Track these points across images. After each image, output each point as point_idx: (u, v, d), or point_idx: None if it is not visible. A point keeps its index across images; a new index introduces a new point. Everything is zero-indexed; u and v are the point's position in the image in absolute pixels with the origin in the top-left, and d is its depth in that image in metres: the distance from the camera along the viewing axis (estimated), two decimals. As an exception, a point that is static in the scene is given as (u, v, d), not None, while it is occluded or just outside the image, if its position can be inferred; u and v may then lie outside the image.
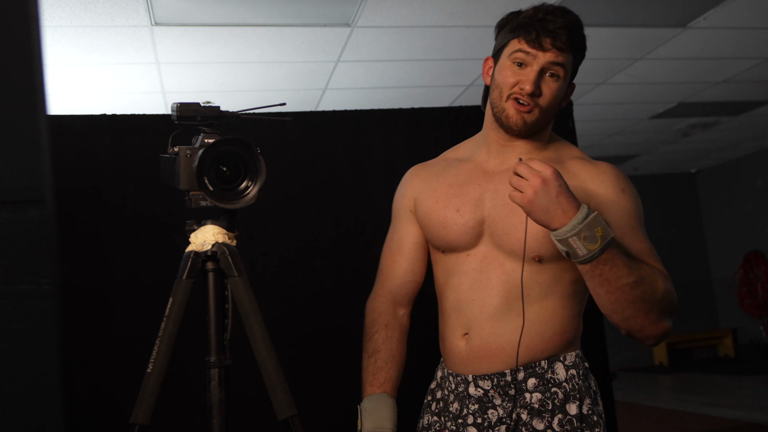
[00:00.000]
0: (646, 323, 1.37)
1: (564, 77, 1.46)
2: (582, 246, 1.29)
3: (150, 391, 1.39)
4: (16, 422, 0.65)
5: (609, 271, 1.31)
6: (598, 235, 1.29)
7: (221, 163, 1.43)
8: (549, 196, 1.29)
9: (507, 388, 1.46)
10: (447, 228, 1.53)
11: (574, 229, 1.29)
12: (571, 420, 1.43)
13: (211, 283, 1.46)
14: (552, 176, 1.30)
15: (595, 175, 1.49)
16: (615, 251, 1.32)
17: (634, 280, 1.33)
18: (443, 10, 3.75)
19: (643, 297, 1.35)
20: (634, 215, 1.47)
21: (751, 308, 8.86)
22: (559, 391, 1.45)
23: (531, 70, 1.44)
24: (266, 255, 2.47)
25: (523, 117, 1.46)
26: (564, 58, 1.44)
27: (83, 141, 2.38)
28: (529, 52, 1.44)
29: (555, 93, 1.46)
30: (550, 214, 1.29)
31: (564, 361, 1.48)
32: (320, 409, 2.41)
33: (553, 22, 1.43)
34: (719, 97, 6.01)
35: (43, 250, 0.66)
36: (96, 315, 2.31)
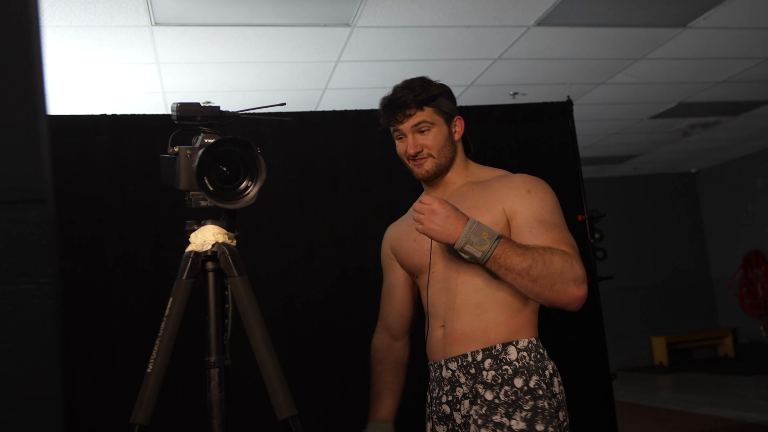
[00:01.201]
0: (555, 294, 1.62)
1: (434, 124, 1.79)
2: (476, 249, 1.60)
3: (150, 391, 1.39)
4: (16, 422, 0.65)
5: (505, 262, 1.60)
6: (485, 237, 1.60)
7: (221, 163, 1.43)
8: (440, 220, 1.61)
9: (469, 368, 1.73)
10: (411, 256, 1.89)
11: (464, 239, 1.60)
12: (516, 391, 1.68)
13: (211, 283, 1.46)
14: (439, 206, 1.62)
15: (506, 183, 1.80)
16: (505, 245, 1.61)
17: (529, 263, 1.60)
18: (443, 10, 3.75)
19: (541, 274, 1.60)
20: (543, 209, 1.73)
21: (751, 308, 8.86)
22: (509, 368, 1.71)
23: (406, 139, 1.81)
24: (266, 255, 2.47)
25: (422, 168, 1.82)
26: (420, 116, 1.78)
27: (83, 141, 2.38)
28: (397, 129, 1.81)
29: (434, 140, 1.80)
30: (445, 233, 1.61)
31: (516, 345, 1.73)
32: (320, 409, 2.41)
33: (394, 101, 1.79)
34: (719, 97, 6.01)
35: (43, 250, 0.66)
36: (96, 315, 2.31)
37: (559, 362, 1.80)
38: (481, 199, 1.78)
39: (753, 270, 8.83)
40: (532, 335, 1.76)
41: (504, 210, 1.75)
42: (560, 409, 1.71)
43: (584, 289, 1.64)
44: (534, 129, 2.86)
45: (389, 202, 2.61)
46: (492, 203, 1.76)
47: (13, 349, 0.65)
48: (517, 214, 1.73)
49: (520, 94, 5.16)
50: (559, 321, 2.10)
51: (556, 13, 3.89)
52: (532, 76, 4.89)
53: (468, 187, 1.85)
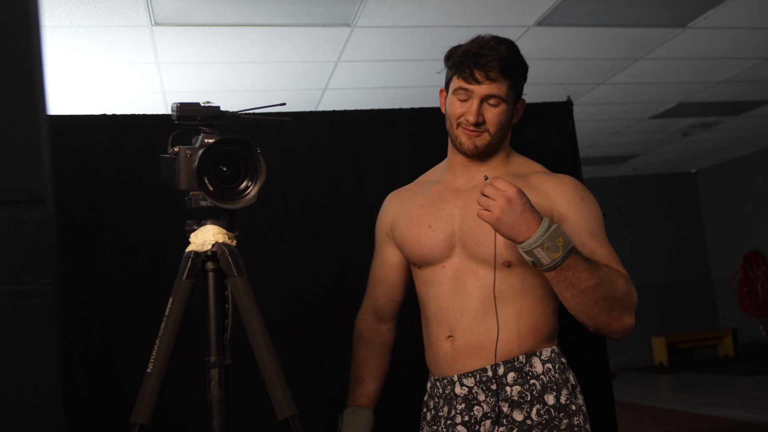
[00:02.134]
0: (611, 320, 1.49)
1: (505, 102, 1.60)
2: (546, 255, 1.42)
3: (150, 391, 1.39)
4: (16, 422, 0.65)
5: (572, 276, 1.43)
6: (559, 244, 1.42)
7: (221, 163, 1.42)
8: (514, 213, 1.42)
9: (489, 383, 1.56)
10: (420, 243, 1.67)
11: (537, 241, 1.41)
12: (549, 410, 1.53)
13: (211, 283, 1.46)
14: (516, 195, 1.43)
15: (556, 186, 1.62)
16: (576, 257, 1.43)
17: (596, 282, 1.44)
18: (443, 10, 3.75)
19: (605, 296, 1.46)
20: (595, 222, 1.59)
21: (751, 308, 8.86)
22: (537, 383, 1.55)
23: (472, 103, 1.59)
24: (266, 255, 2.47)
25: (474, 141, 1.61)
26: (499, 87, 1.58)
27: (83, 141, 2.38)
28: (468, 88, 1.59)
29: (498, 118, 1.60)
30: (516, 229, 1.42)
31: (540, 356, 1.58)
32: (320, 409, 2.41)
33: (484, 57, 1.56)
34: (719, 97, 6.01)
35: (43, 250, 0.66)
36: (96, 315, 2.31)
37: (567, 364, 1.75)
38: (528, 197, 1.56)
39: (753, 270, 8.82)
40: (555, 344, 1.63)
41: (553, 215, 1.57)
42: (587, 422, 1.59)
43: (634, 321, 1.52)
44: (534, 129, 2.86)
45: (389, 202, 2.61)
46: (540, 205, 1.54)
47: (13, 349, 0.65)
48: (566, 222, 1.56)
49: (520, 94, 5.16)
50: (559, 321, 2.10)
51: (556, 13, 3.89)
52: (532, 76, 4.85)
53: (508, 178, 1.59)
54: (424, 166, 1.95)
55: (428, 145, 2.63)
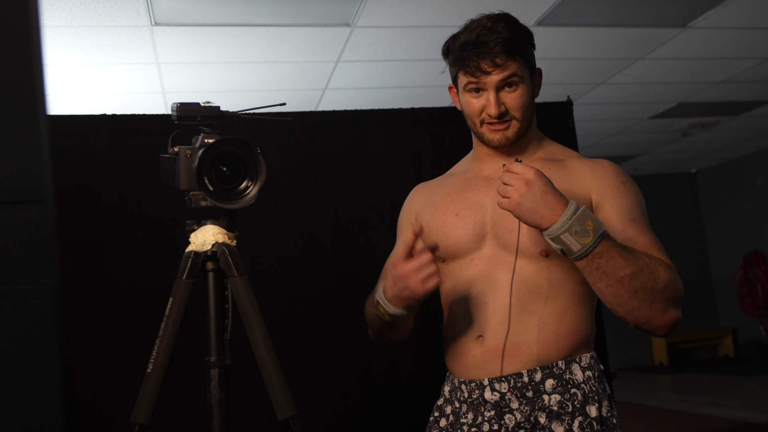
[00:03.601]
0: (652, 313, 1.33)
1: (522, 79, 1.46)
2: (575, 241, 1.29)
3: (150, 391, 1.39)
4: (16, 422, 0.65)
5: (606, 263, 1.30)
6: (589, 228, 1.28)
7: (221, 163, 1.42)
8: (534, 196, 1.30)
9: (524, 390, 1.42)
10: (446, 232, 1.52)
11: (564, 226, 1.29)
12: (591, 423, 1.39)
13: (211, 283, 1.46)
14: (535, 177, 1.31)
15: (594, 169, 1.49)
16: (609, 243, 1.31)
17: (633, 270, 1.31)
18: (443, 10, 3.75)
19: (644, 287, 1.31)
20: (636, 208, 1.45)
21: (751, 308, 8.86)
22: (578, 393, 1.41)
23: (488, 94, 1.46)
24: (266, 255, 2.47)
25: (504, 134, 1.48)
26: (511, 67, 1.44)
27: (83, 141, 2.38)
28: (478, 81, 1.45)
29: (521, 99, 1.47)
30: (539, 214, 1.30)
31: (580, 363, 1.44)
32: (320, 409, 2.41)
33: (485, 44, 1.42)
34: (719, 97, 6.01)
35: (43, 250, 0.66)
36: (96, 315, 2.31)
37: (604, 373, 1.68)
38: (563, 183, 1.44)
39: (753, 270, 8.82)
40: (592, 349, 1.49)
41: (592, 199, 1.45)
42: None
43: (680, 313, 1.36)
44: (534, 129, 2.86)
45: (389, 202, 2.61)
46: (578, 189, 1.45)
47: (13, 349, 0.65)
48: (605, 207, 1.43)
49: (520, 94, 5.16)
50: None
51: (556, 13, 3.89)
52: (532, 76, 4.88)
53: (542, 163, 1.51)
54: (424, 166, 1.95)
55: (428, 145, 2.63)
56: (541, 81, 1.55)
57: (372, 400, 2.51)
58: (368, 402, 2.49)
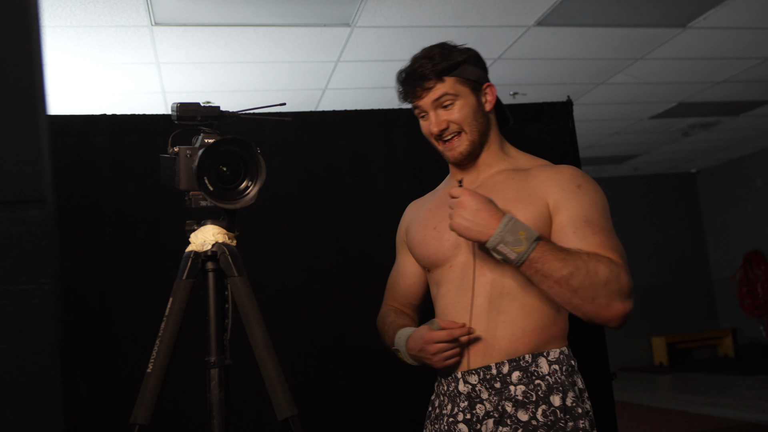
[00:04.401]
0: (596, 309, 1.43)
1: (457, 96, 1.61)
2: (510, 250, 1.42)
3: (150, 391, 1.39)
4: (16, 422, 0.65)
5: (542, 267, 1.42)
6: (522, 237, 1.42)
7: (221, 163, 1.42)
8: (469, 215, 1.45)
9: (493, 381, 1.54)
10: (426, 244, 1.69)
11: (497, 238, 1.43)
12: (554, 411, 1.50)
13: (211, 283, 1.46)
14: (468, 198, 1.46)
15: (552, 175, 1.60)
16: (544, 248, 1.42)
17: (570, 271, 1.41)
18: (443, 10, 3.75)
19: (583, 285, 1.41)
20: (591, 208, 1.54)
21: (751, 308, 8.86)
22: (542, 384, 1.52)
23: (429, 116, 1.63)
24: (266, 255, 2.47)
25: (456, 149, 1.63)
26: (441, 87, 1.60)
27: (83, 141, 2.38)
28: (418, 106, 1.63)
29: (460, 113, 1.61)
30: (475, 230, 1.45)
31: (547, 357, 1.55)
32: (320, 409, 2.41)
33: (414, 71, 1.62)
34: (719, 97, 6.01)
35: (43, 250, 0.66)
36: (96, 315, 2.31)
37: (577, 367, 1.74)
38: (523, 191, 1.58)
39: (753, 270, 8.82)
40: (564, 344, 1.59)
41: (548, 204, 1.55)
42: (593, 428, 1.55)
43: (630, 305, 1.44)
44: (534, 129, 2.86)
45: (389, 202, 2.61)
46: (536, 196, 1.56)
47: (13, 349, 0.65)
48: (562, 210, 1.53)
49: (520, 94, 5.16)
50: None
51: (556, 13, 3.89)
52: (532, 76, 4.88)
53: (506, 174, 1.64)
54: (423, 166, 1.95)
55: (428, 145, 2.63)
56: (494, 95, 1.67)
57: (372, 400, 2.51)
58: (368, 402, 2.49)
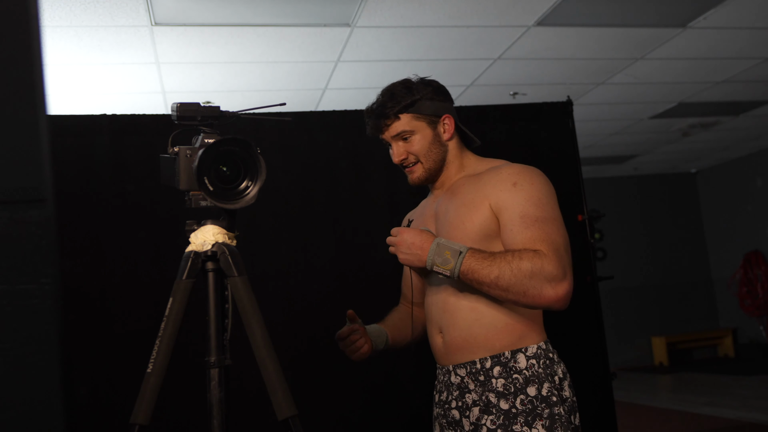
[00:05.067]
0: (530, 299, 1.59)
1: (413, 132, 1.78)
2: (443, 269, 1.62)
3: (150, 391, 1.39)
4: (16, 422, 0.65)
5: (473, 276, 1.60)
6: (448, 256, 1.61)
7: (221, 163, 1.42)
8: (404, 248, 1.67)
9: (478, 375, 1.71)
10: None
11: (430, 262, 1.63)
12: (531, 400, 1.66)
13: (211, 283, 1.46)
14: (402, 235, 1.67)
15: (494, 176, 1.74)
16: (470, 260, 1.60)
17: (496, 274, 1.58)
18: (443, 10, 3.75)
19: (511, 283, 1.58)
20: (527, 204, 1.67)
21: (751, 308, 8.86)
22: (519, 377, 1.68)
23: (392, 147, 1.81)
24: (266, 255, 2.47)
25: (415, 176, 1.81)
26: (397, 125, 1.77)
27: (83, 141, 2.38)
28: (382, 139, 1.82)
29: (417, 146, 1.78)
30: (414, 260, 1.66)
31: (525, 352, 1.70)
32: (320, 409, 2.41)
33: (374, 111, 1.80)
34: (719, 97, 6.01)
35: (43, 250, 0.66)
36: (96, 315, 2.31)
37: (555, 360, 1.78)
38: (470, 196, 1.74)
39: (753, 270, 8.83)
40: (541, 339, 1.73)
41: (491, 206, 1.70)
42: (572, 412, 1.69)
43: (563, 288, 1.58)
44: (534, 129, 2.86)
45: (389, 202, 2.61)
46: (479, 200, 1.72)
47: (13, 349, 0.65)
48: (502, 210, 1.69)
49: (520, 94, 5.16)
50: (559, 321, 2.10)
51: (556, 13, 3.89)
52: (532, 76, 4.89)
53: (462, 180, 1.81)
54: (424, 166, 1.95)
55: (428, 145, 2.62)
56: (453, 125, 1.81)
57: (372, 400, 2.51)
58: (368, 401, 2.49)
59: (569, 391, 1.72)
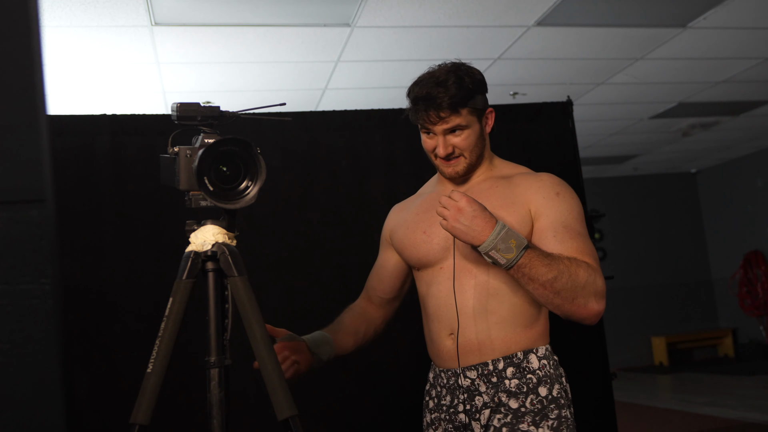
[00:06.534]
0: (575, 308, 1.59)
1: (467, 127, 1.70)
2: (501, 256, 1.55)
3: (150, 391, 1.38)
4: (16, 422, 0.65)
5: (530, 271, 1.55)
6: (512, 245, 1.54)
7: (221, 163, 1.42)
8: (465, 220, 1.55)
9: (490, 376, 1.69)
10: (417, 247, 1.79)
11: (490, 244, 1.54)
12: (541, 400, 1.66)
13: (211, 283, 1.46)
14: (466, 204, 1.56)
15: (534, 182, 1.73)
16: (532, 254, 1.55)
17: (554, 275, 1.55)
18: (443, 10, 3.75)
19: (565, 287, 1.56)
20: (569, 215, 1.68)
21: (751, 308, 8.86)
22: (533, 377, 1.68)
23: (437, 138, 1.71)
24: (266, 255, 2.47)
25: (454, 169, 1.74)
26: (455, 119, 1.68)
27: (83, 141, 2.38)
28: (428, 129, 1.72)
29: (467, 142, 1.71)
30: (470, 235, 1.56)
31: (537, 353, 1.71)
32: (320, 409, 2.41)
33: (432, 100, 1.66)
34: (719, 97, 6.01)
35: (43, 250, 0.66)
36: (96, 315, 2.31)
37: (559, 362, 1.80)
38: (507, 198, 1.71)
39: (753, 270, 8.82)
40: (547, 342, 1.75)
41: (530, 211, 1.69)
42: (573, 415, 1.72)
43: (603, 305, 1.61)
44: (534, 129, 2.86)
45: (389, 202, 2.61)
46: (519, 203, 1.70)
47: (13, 349, 0.65)
48: (542, 216, 1.67)
49: (520, 94, 5.16)
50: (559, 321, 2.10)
51: (556, 13, 3.89)
52: (532, 76, 4.88)
53: (492, 182, 1.77)
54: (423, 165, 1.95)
55: (428, 145, 2.62)
56: (493, 119, 1.77)
57: (372, 400, 2.51)
58: (368, 401, 2.49)
59: (570, 395, 1.73)
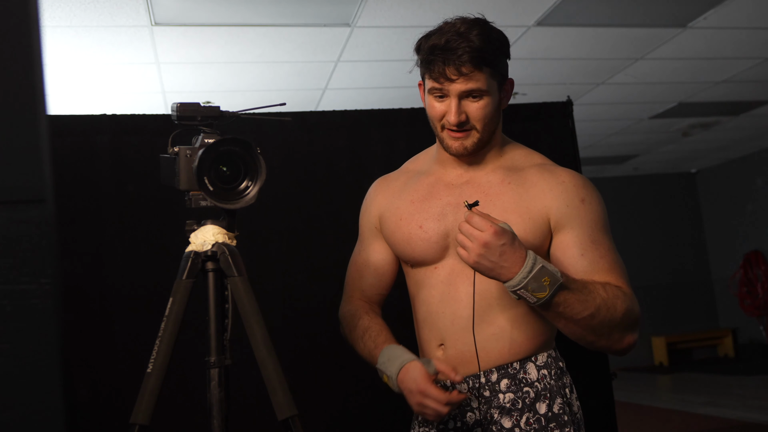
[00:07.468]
0: (610, 343, 1.41)
1: (487, 93, 1.45)
2: (531, 295, 1.32)
3: (150, 391, 1.39)
4: (16, 422, 0.65)
5: (563, 310, 1.34)
6: (545, 284, 1.31)
7: (221, 163, 1.42)
8: (492, 256, 1.31)
9: (482, 389, 1.49)
10: (412, 244, 1.55)
11: (521, 283, 1.31)
12: (539, 419, 1.46)
13: (211, 283, 1.46)
14: (493, 237, 1.30)
15: (553, 186, 1.48)
16: (566, 293, 1.34)
17: (591, 312, 1.35)
18: (443, 10, 3.74)
19: (602, 323, 1.37)
20: (596, 225, 1.46)
21: (751, 308, 8.86)
22: (531, 391, 1.48)
23: (450, 101, 1.44)
24: (266, 255, 2.47)
25: (462, 143, 1.48)
26: (476, 80, 1.42)
27: (83, 141, 2.38)
28: (442, 87, 1.44)
29: (483, 112, 1.45)
30: (496, 271, 1.32)
31: (536, 362, 1.50)
32: (320, 409, 2.41)
33: (453, 51, 1.40)
34: (719, 97, 6.01)
35: (43, 250, 0.66)
36: (96, 315, 2.31)
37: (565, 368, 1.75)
38: (521, 200, 1.47)
39: (753, 270, 8.82)
40: (551, 347, 1.55)
41: (550, 220, 1.45)
42: (581, 428, 1.52)
43: (637, 334, 1.43)
44: (534, 129, 2.86)
45: (389, 202, 2.61)
46: (535, 209, 1.46)
47: (13, 349, 0.65)
48: (565, 228, 1.44)
49: (520, 94, 5.16)
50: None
51: (556, 13, 3.89)
52: (532, 76, 4.88)
53: (502, 174, 1.52)
54: (424, 166, 1.95)
55: (428, 145, 2.63)
56: (512, 91, 1.54)
57: (372, 400, 2.51)
58: (368, 401, 2.49)
59: (577, 405, 1.54)
